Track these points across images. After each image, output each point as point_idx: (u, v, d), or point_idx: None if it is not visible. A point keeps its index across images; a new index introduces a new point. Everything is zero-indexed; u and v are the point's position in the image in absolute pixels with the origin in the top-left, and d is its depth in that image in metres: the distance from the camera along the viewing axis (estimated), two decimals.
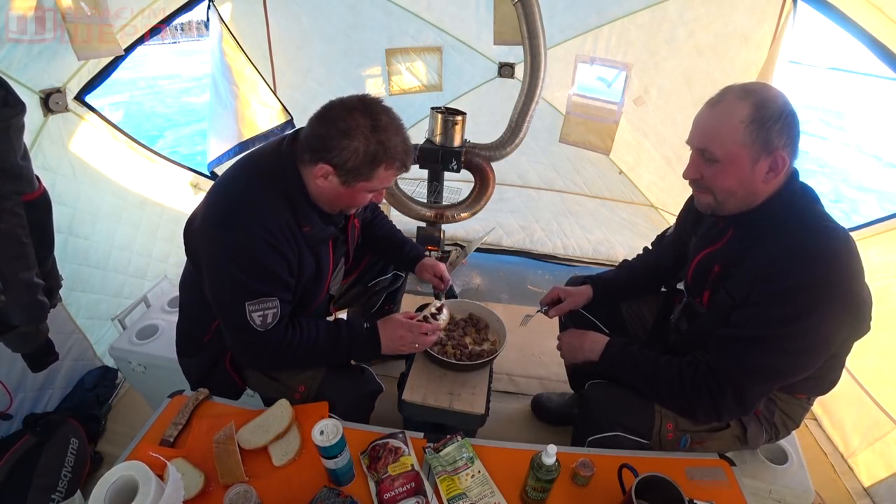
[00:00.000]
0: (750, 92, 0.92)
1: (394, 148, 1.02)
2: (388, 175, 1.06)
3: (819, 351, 0.95)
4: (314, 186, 1.07)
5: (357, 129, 0.98)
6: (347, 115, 0.99)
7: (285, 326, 1.10)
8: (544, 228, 2.99)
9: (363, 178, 1.04)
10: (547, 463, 0.89)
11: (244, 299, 1.03)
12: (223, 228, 1.04)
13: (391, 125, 1.03)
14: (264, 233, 1.01)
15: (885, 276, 1.59)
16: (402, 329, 1.20)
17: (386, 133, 1.01)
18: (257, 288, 1.03)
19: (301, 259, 1.10)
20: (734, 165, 0.94)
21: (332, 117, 1.01)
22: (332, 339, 1.16)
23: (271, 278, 1.05)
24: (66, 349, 1.73)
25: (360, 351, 1.19)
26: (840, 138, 10.19)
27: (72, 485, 1.40)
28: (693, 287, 1.18)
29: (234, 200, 1.06)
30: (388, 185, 1.12)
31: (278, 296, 1.06)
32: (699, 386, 0.99)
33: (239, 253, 1.02)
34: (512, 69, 2.79)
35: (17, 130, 1.03)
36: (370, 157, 1.00)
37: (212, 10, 2.23)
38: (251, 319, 1.03)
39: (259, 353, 1.10)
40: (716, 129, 0.94)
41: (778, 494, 1.20)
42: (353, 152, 0.99)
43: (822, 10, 1.69)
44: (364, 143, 0.99)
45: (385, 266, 1.62)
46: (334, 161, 1.01)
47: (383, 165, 1.03)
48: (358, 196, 1.09)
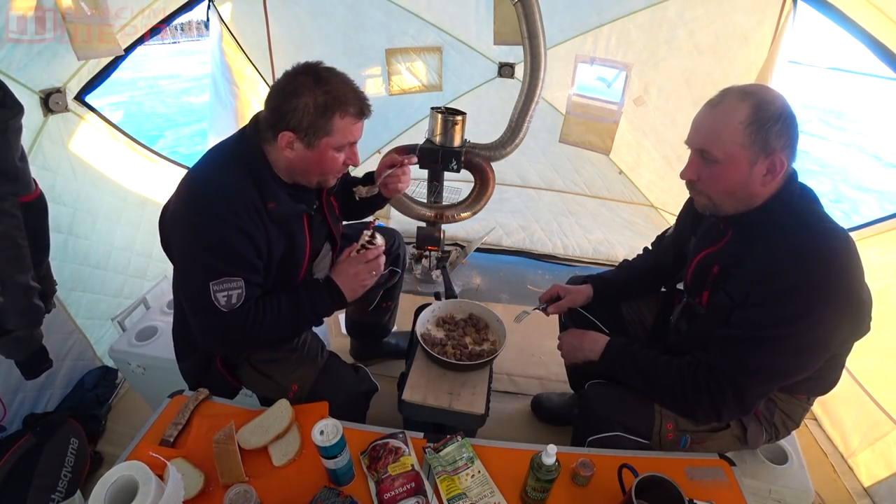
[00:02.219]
0: (749, 94, 0.92)
1: (343, 95, 1.03)
2: (346, 125, 1.05)
3: (818, 351, 0.95)
4: (284, 161, 1.08)
5: (302, 87, 1.00)
6: (292, 79, 1.02)
7: (249, 307, 1.09)
8: (544, 228, 2.99)
9: (323, 133, 1.03)
10: (547, 463, 0.89)
11: (209, 279, 1.02)
12: (189, 212, 1.05)
13: (335, 77, 1.04)
14: (229, 213, 1.02)
15: (885, 276, 1.59)
16: (352, 266, 1.19)
17: (330, 83, 1.02)
18: (221, 268, 1.03)
19: (269, 238, 1.10)
20: (732, 167, 0.94)
21: (279, 88, 1.03)
22: (294, 304, 1.15)
23: (236, 258, 1.05)
24: (66, 349, 1.73)
25: (324, 305, 1.18)
26: (840, 138, 10.19)
27: (72, 485, 1.40)
28: (692, 287, 1.18)
29: (200, 185, 1.08)
30: (355, 139, 1.10)
31: (243, 276, 1.05)
32: (699, 386, 0.99)
33: (203, 233, 1.03)
34: (512, 69, 2.78)
35: (15, 132, 1.03)
36: (321, 108, 1.01)
37: (212, 10, 2.23)
38: (215, 300, 1.03)
39: (224, 335, 1.09)
40: (715, 130, 0.95)
41: (778, 494, 1.20)
42: (304, 108, 1.00)
43: (822, 10, 1.69)
44: (312, 97, 1.00)
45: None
46: (291, 124, 1.02)
47: (337, 114, 1.03)
48: (327, 158, 1.08)
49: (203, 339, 1.12)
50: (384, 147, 2.95)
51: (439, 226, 2.26)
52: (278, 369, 1.21)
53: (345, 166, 1.15)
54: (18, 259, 1.08)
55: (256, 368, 1.22)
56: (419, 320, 1.44)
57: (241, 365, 1.25)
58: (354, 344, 1.98)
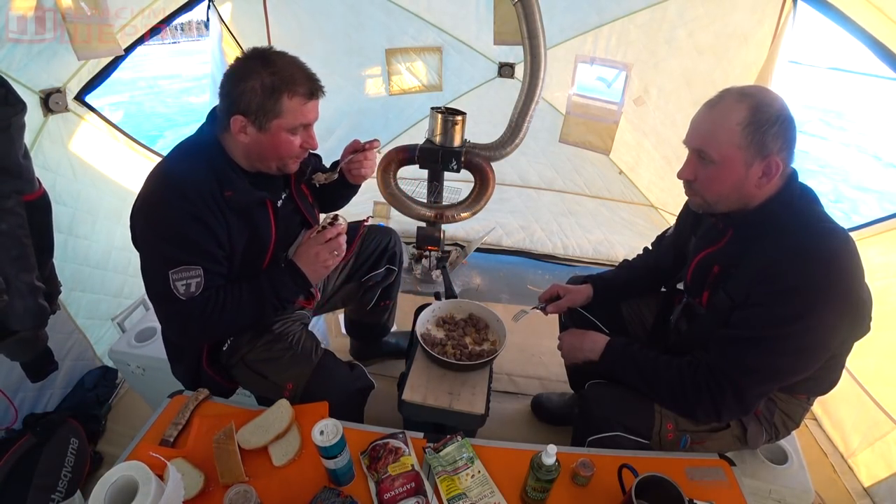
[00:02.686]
0: (747, 95, 0.93)
1: (290, 75, 1.03)
2: (295, 106, 1.04)
3: (818, 352, 0.95)
4: (241, 147, 1.09)
5: (250, 70, 1.01)
6: (240, 65, 1.03)
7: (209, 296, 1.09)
8: (544, 228, 2.99)
9: (273, 114, 1.03)
10: (547, 463, 0.89)
11: (167, 269, 1.03)
12: (146, 204, 1.06)
13: (282, 58, 1.05)
14: (184, 202, 1.02)
15: (885, 276, 1.59)
16: (313, 247, 1.18)
17: (277, 65, 1.02)
18: (178, 256, 1.04)
19: (229, 226, 1.10)
20: (728, 168, 0.94)
21: (229, 73, 1.04)
22: (256, 290, 1.15)
23: (193, 247, 1.05)
24: (66, 349, 1.73)
25: (287, 289, 1.18)
26: (840, 138, 10.18)
27: (72, 485, 1.40)
28: (692, 287, 1.18)
29: (158, 179, 1.08)
30: (308, 121, 1.09)
31: (202, 265, 1.06)
32: (699, 386, 0.99)
33: (159, 223, 1.04)
34: (512, 69, 2.78)
35: (18, 129, 1.03)
36: (269, 89, 1.01)
37: (212, 10, 2.23)
38: (175, 288, 1.03)
39: (185, 323, 1.09)
40: (712, 130, 0.95)
41: (778, 494, 1.20)
42: (252, 91, 1.00)
43: (822, 10, 1.69)
44: (259, 80, 1.00)
45: (377, 261, 1.61)
46: (241, 108, 1.02)
47: (285, 95, 1.02)
48: (281, 141, 1.07)
49: (166, 327, 1.14)
50: (384, 147, 2.95)
51: (439, 226, 2.26)
52: (272, 368, 1.21)
53: (303, 150, 1.13)
54: (23, 258, 1.08)
55: (251, 368, 1.23)
56: (419, 320, 1.44)
57: (235, 365, 1.25)
58: (354, 344, 1.98)
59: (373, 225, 1.66)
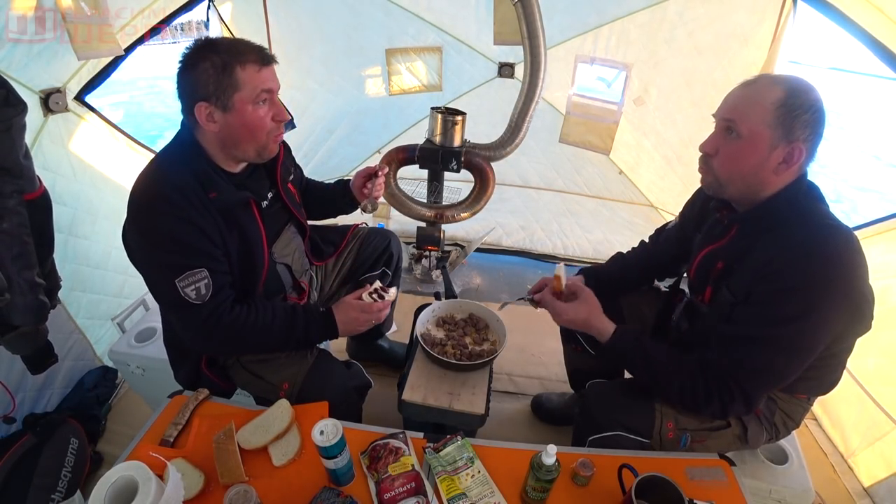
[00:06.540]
0: (786, 79, 0.93)
1: (235, 48, 1.03)
2: (250, 74, 1.03)
3: (820, 349, 0.95)
4: (214, 140, 1.08)
5: (197, 57, 1.02)
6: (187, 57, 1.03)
7: (232, 304, 1.09)
8: (544, 228, 2.99)
9: (232, 89, 1.02)
10: (547, 463, 0.89)
11: (172, 278, 1.02)
12: (135, 220, 1.05)
13: (225, 39, 1.07)
14: (171, 208, 1.01)
15: (886, 275, 1.59)
16: (356, 311, 1.19)
17: (221, 43, 1.04)
18: (178, 262, 1.03)
19: (220, 228, 1.09)
20: (753, 146, 0.94)
21: (179, 70, 1.04)
22: (288, 320, 1.15)
23: (189, 249, 1.04)
24: (66, 349, 1.73)
25: (316, 334, 1.19)
26: (840, 138, 10.17)
27: (72, 485, 1.40)
28: (696, 284, 1.17)
29: (141, 190, 1.06)
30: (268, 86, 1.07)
31: (205, 266, 1.05)
32: (710, 386, 0.98)
33: (152, 234, 1.03)
34: (512, 69, 2.78)
35: (19, 129, 1.04)
36: (220, 66, 1.01)
37: (212, 10, 2.24)
38: (186, 295, 1.03)
39: (208, 330, 1.08)
40: (746, 105, 0.95)
41: (778, 494, 1.20)
42: (204, 73, 1.01)
43: (822, 10, 1.69)
44: (208, 61, 1.01)
45: (375, 263, 1.61)
46: (200, 94, 1.02)
47: (238, 66, 1.02)
48: (248, 116, 1.05)
49: (186, 336, 1.12)
50: (384, 147, 2.95)
51: (439, 226, 2.27)
52: (268, 368, 1.22)
53: (276, 124, 1.11)
54: (24, 256, 1.08)
55: (247, 369, 1.23)
56: (419, 320, 1.44)
57: (232, 366, 1.25)
58: (351, 343, 1.98)
59: (373, 228, 1.67)
